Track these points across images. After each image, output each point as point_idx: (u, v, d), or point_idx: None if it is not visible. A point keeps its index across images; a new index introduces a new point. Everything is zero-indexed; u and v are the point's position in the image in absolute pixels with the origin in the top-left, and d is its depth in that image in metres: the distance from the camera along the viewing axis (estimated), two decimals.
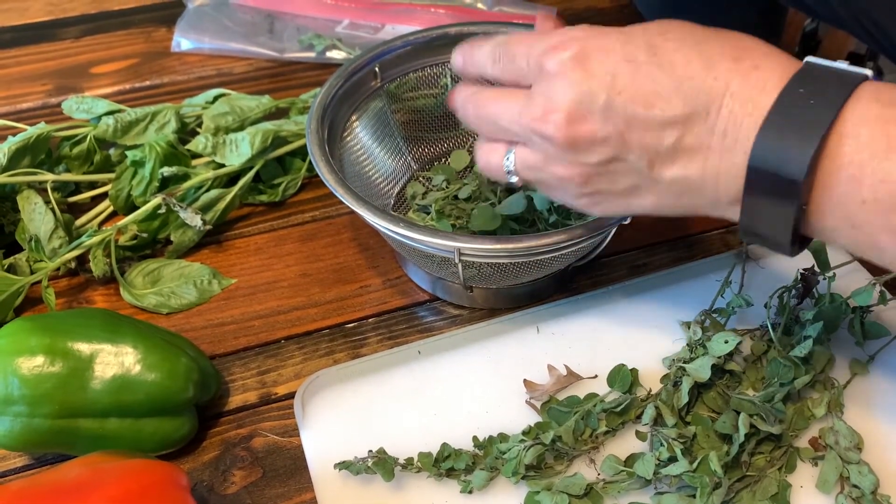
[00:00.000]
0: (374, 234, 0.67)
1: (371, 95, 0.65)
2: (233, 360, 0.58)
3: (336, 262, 0.65)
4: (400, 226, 0.50)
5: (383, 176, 0.66)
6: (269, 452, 0.53)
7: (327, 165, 0.54)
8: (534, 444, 0.48)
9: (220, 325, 0.61)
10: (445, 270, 0.57)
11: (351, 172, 0.61)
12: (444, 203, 0.62)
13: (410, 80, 0.66)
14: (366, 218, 0.52)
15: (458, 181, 0.65)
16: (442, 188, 0.65)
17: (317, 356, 0.58)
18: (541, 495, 0.47)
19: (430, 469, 0.49)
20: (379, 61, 0.64)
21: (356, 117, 0.64)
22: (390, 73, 0.65)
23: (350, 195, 0.52)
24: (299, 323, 0.61)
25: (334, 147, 0.59)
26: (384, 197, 0.66)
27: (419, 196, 0.66)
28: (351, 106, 0.63)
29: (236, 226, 0.68)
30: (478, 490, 0.48)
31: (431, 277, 0.61)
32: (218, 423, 0.54)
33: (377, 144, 0.66)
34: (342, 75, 0.62)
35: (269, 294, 0.63)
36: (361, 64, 0.63)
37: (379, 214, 0.51)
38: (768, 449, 0.49)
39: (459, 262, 0.51)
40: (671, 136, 0.40)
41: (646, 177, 0.42)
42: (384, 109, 0.66)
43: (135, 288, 0.62)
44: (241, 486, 0.51)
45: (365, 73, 0.63)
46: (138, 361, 0.49)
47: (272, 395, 0.56)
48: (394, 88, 0.66)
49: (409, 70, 0.66)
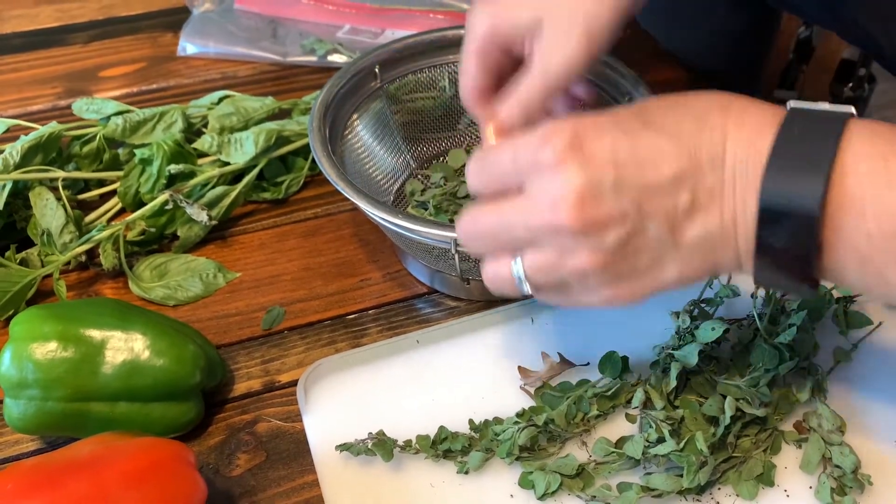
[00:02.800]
0: (375, 230, 0.69)
1: (371, 96, 0.67)
2: (238, 349, 0.60)
3: (337, 257, 0.67)
4: (399, 217, 0.52)
5: (383, 173, 0.68)
6: (272, 437, 0.54)
7: (329, 161, 0.57)
8: (527, 426, 0.50)
9: (226, 316, 0.63)
10: (443, 262, 0.59)
11: (352, 170, 0.63)
12: (441, 199, 0.64)
13: (410, 82, 0.69)
14: (366, 211, 0.54)
15: (455, 179, 0.67)
16: (440, 185, 0.67)
17: (319, 346, 0.60)
18: (534, 475, 0.49)
19: (428, 451, 0.51)
20: (379, 62, 0.66)
21: (357, 116, 0.66)
22: (390, 74, 0.67)
23: (351, 189, 0.54)
24: (302, 315, 0.63)
25: (336, 145, 0.62)
26: (384, 194, 0.68)
27: (418, 193, 0.68)
28: (352, 106, 0.65)
29: (241, 222, 0.70)
30: (473, 470, 0.50)
31: (430, 270, 0.63)
32: (224, 409, 0.56)
33: (377, 143, 0.68)
34: (344, 75, 0.64)
35: (272, 287, 0.65)
36: (363, 65, 0.65)
37: (379, 207, 0.53)
38: (754, 432, 0.51)
39: (456, 254, 0.53)
40: (685, 194, 0.39)
41: (668, 244, 0.40)
42: (384, 110, 0.68)
43: (143, 281, 0.64)
44: (245, 469, 0.53)
45: (365, 74, 0.66)
46: (147, 347, 0.51)
47: (276, 382, 0.58)
48: (394, 90, 0.68)
49: (408, 72, 0.68)
